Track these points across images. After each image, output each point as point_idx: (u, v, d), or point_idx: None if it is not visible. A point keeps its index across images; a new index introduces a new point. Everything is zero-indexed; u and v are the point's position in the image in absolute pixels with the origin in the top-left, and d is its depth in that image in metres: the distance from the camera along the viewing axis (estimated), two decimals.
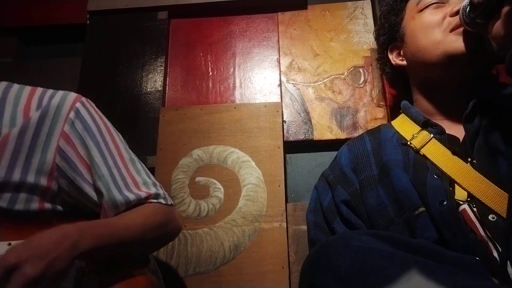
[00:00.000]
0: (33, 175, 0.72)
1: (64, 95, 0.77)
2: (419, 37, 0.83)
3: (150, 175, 0.81)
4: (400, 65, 0.94)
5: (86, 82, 1.25)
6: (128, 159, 0.79)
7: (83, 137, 0.75)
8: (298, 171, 1.16)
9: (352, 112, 1.15)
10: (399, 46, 0.94)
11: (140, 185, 0.77)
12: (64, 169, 0.74)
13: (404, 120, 0.87)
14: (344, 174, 0.85)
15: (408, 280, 0.47)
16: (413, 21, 0.87)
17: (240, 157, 1.10)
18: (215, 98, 1.22)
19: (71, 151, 0.74)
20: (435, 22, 0.81)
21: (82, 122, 0.76)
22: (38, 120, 0.73)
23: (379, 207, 0.75)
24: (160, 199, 0.77)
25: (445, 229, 0.65)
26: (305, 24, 1.27)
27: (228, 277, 0.99)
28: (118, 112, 1.21)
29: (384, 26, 0.97)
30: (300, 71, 1.22)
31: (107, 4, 1.32)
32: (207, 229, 1.04)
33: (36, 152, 0.72)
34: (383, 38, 0.98)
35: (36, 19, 1.36)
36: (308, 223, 0.88)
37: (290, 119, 1.17)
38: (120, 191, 0.74)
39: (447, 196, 0.68)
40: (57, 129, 0.74)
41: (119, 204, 0.73)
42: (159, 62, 1.26)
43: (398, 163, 0.77)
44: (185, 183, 1.09)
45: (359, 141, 0.89)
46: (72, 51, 1.36)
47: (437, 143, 0.77)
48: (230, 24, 1.31)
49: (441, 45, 0.78)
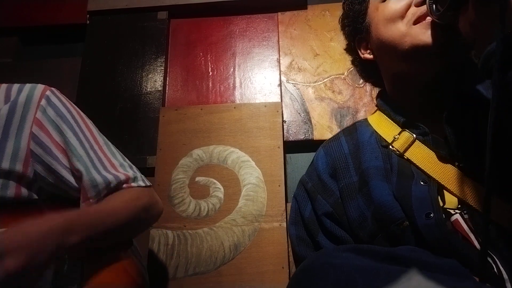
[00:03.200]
0: (7, 162, 0.71)
1: (32, 86, 0.78)
2: (382, 30, 0.75)
3: (126, 158, 0.82)
4: (368, 59, 0.84)
5: (86, 82, 1.25)
6: (103, 142, 0.81)
7: (56, 123, 0.76)
8: (298, 171, 1.16)
9: (352, 112, 1.15)
10: (365, 39, 0.83)
11: (117, 167, 0.77)
12: (39, 155, 0.74)
13: (381, 119, 0.80)
14: (323, 182, 0.79)
15: (408, 280, 0.47)
16: (376, 12, 0.78)
17: (240, 157, 1.10)
18: (215, 98, 1.22)
19: (45, 136, 0.74)
20: (399, 13, 0.72)
21: (53, 108, 0.77)
22: (8, 111, 0.74)
23: (360, 219, 0.71)
24: (139, 182, 0.78)
25: (434, 244, 0.61)
26: (305, 24, 1.27)
27: (228, 277, 0.99)
28: (118, 112, 1.21)
29: (348, 15, 0.86)
30: (300, 71, 1.22)
31: (107, 4, 1.32)
32: (207, 229, 1.04)
33: (9, 139, 0.72)
34: (348, 29, 0.87)
35: (36, 19, 1.36)
36: (291, 238, 0.84)
37: (290, 119, 1.17)
38: (99, 171, 0.74)
39: (434, 207, 0.63)
40: (29, 116, 0.74)
41: (98, 183, 0.73)
42: (159, 62, 1.26)
43: (379, 171, 0.71)
44: (185, 183, 1.09)
45: (335, 143, 0.83)
46: (72, 51, 1.36)
47: (421, 146, 0.70)
48: (230, 24, 1.31)
49: (407, 38, 0.70)
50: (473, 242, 0.61)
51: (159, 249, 1.03)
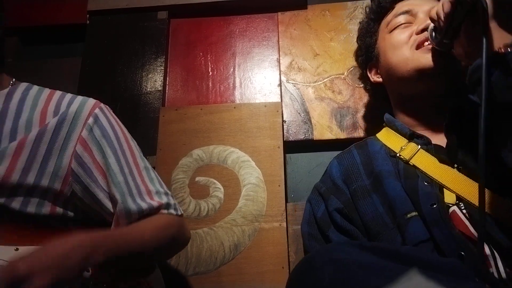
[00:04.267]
0: (47, 179, 0.71)
1: (83, 100, 0.77)
2: (390, 56, 0.89)
3: (163, 184, 0.82)
4: (378, 82, 0.99)
5: (86, 82, 1.25)
6: (143, 167, 0.80)
7: (100, 144, 0.75)
8: (298, 171, 1.16)
9: (352, 112, 1.15)
10: (376, 65, 0.99)
11: (153, 194, 0.77)
12: (79, 175, 0.73)
13: (389, 133, 0.90)
14: (336, 185, 0.87)
15: (409, 280, 0.47)
16: (384, 42, 0.93)
17: (240, 157, 1.10)
18: (215, 98, 1.22)
19: (88, 157, 0.74)
20: (403, 41, 0.86)
21: (100, 128, 0.76)
22: (55, 125, 0.73)
23: (374, 214, 0.78)
24: (171, 210, 0.78)
25: (436, 228, 0.68)
26: (305, 24, 1.27)
27: (228, 277, 0.99)
28: (118, 112, 1.20)
29: (361, 48, 1.04)
30: (300, 71, 1.22)
31: (107, 4, 1.32)
32: (207, 229, 1.04)
33: (52, 156, 0.72)
34: (361, 58, 1.05)
35: (36, 19, 1.36)
36: (303, 234, 0.90)
37: (290, 119, 1.17)
38: (134, 199, 0.74)
39: (438, 199, 0.72)
40: (75, 134, 0.74)
41: (132, 212, 0.73)
42: (159, 62, 1.26)
43: (390, 173, 0.81)
44: (185, 183, 1.09)
45: (348, 154, 0.92)
46: (72, 51, 1.36)
47: (425, 153, 0.80)
48: (230, 24, 1.31)
49: (410, 62, 0.83)
50: (468, 228, 0.68)
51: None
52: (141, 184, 0.77)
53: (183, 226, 0.80)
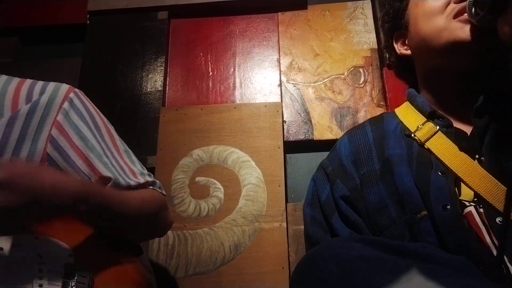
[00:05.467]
0: None
1: (56, 86, 0.76)
2: (422, 25, 0.80)
3: (144, 167, 0.82)
4: (405, 55, 0.90)
5: (86, 82, 1.25)
6: (123, 150, 0.80)
7: (78, 127, 0.74)
8: (298, 171, 1.16)
9: (352, 112, 1.15)
10: (404, 35, 0.90)
11: (137, 175, 0.77)
12: (55, 159, 0.72)
13: (408, 109, 0.83)
14: (344, 167, 0.81)
15: (408, 281, 0.47)
16: (416, 8, 0.83)
17: (240, 157, 1.10)
18: (215, 98, 1.22)
19: (64, 140, 0.73)
20: (438, 9, 0.76)
21: (76, 112, 0.75)
22: (28, 110, 0.71)
23: (380, 205, 0.72)
24: (156, 187, 0.79)
25: (448, 236, 0.62)
26: (305, 24, 1.27)
27: (228, 277, 0.99)
28: (118, 112, 1.21)
29: (389, 13, 0.93)
30: (300, 71, 1.22)
31: (107, 4, 1.32)
32: (207, 229, 1.04)
33: (26, 141, 0.71)
34: (388, 25, 0.95)
35: (36, 19, 1.36)
36: (305, 217, 0.86)
37: (290, 119, 1.17)
38: (123, 178, 0.74)
39: (451, 199, 0.64)
40: (49, 118, 0.73)
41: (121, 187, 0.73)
42: (159, 62, 1.26)
43: (402, 158, 0.73)
44: (185, 183, 1.09)
45: (361, 131, 0.85)
46: (72, 51, 1.35)
47: (443, 137, 0.72)
48: (230, 24, 1.30)
49: (445, 33, 0.74)
50: (484, 236, 0.62)
51: (159, 249, 1.03)
52: (124, 165, 0.77)
53: (167, 207, 0.80)
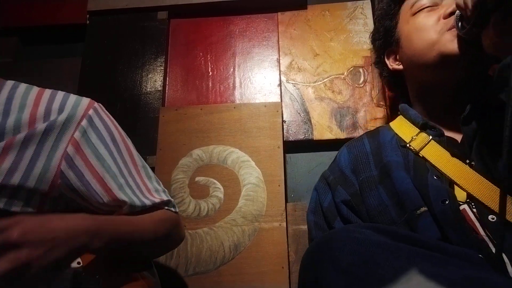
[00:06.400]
0: (34, 181, 0.69)
1: (76, 102, 0.74)
2: (414, 40, 0.84)
3: (159, 182, 0.83)
4: (397, 70, 0.94)
5: (86, 82, 1.25)
6: (141, 166, 0.80)
7: (95, 146, 0.73)
8: (298, 171, 1.16)
9: (352, 112, 1.15)
10: (395, 51, 0.94)
11: (152, 192, 0.77)
12: (68, 177, 0.71)
13: (402, 122, 0.88)
14: (344, 175, 0.85)
15: (408, 281, 0.47)
16: (407, 25, 0.87)
17: (240, 157, 1.10)
18: (215, 98, 1.22)
19: (80, 159, 0.71)
20: (430, 24, 0.81)
21: (94, 130, 0.74)
22: (45, 128, 0.70)
23: (380, 208, 0.76)
24: (170, 207, 0.79)
25: (448, 227, 0.66)
26: (305, 24, 1.27)
27: (228, 277, 0.99)
28: (118, 112, 1.21)
29: (379, 31, 0.97)
30: (300, 71, 1.22)
31: (107, 4, 1.32)
32: (207, 229, 1.04)
33: (41, 158, 0.69)
34: (379, 42, 0.98)
35: (36, 19, 1.36)
36: (309, 223, 0.89)
37: (290, 119, 1.17)
38: (138, 198, 0.74)
39: (449, 195, 0.68)
40: (66, 136, 0.71)
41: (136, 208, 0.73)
42: (159, 62, 1.26)
43: (399, 164, 0.78)
44: (185, 183, 1.09)
45: (358, 143, 0.90)
46: (72, 51, 1.36)
47: (436, 145, 0.77)
48: (230, 24, 1.31)
49: (436, 46, 0.78)
50: (478, 230, 0.65)
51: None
52: (141, 183, 0.77)
53: (180, 223, 0.82)
